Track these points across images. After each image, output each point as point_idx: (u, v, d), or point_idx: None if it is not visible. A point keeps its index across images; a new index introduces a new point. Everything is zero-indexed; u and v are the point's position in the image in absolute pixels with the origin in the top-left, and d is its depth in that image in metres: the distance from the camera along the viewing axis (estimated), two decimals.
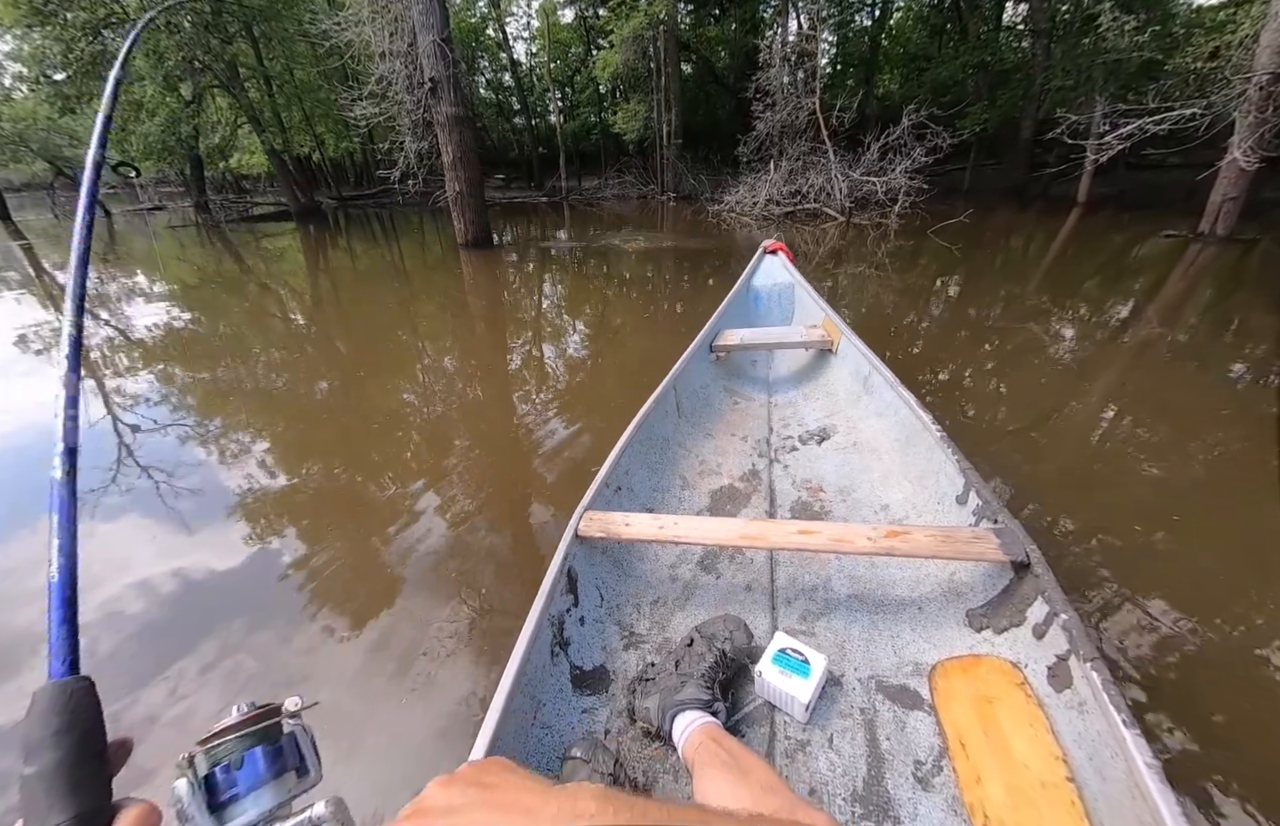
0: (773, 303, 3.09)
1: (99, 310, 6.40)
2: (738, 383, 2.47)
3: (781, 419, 2.20)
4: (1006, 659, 1.05)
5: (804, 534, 1.17)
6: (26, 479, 2.81)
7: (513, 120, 24.57)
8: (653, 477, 1.71)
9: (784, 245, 3.26)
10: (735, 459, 1.92)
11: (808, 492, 1.71)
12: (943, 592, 1.24)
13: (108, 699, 0.33)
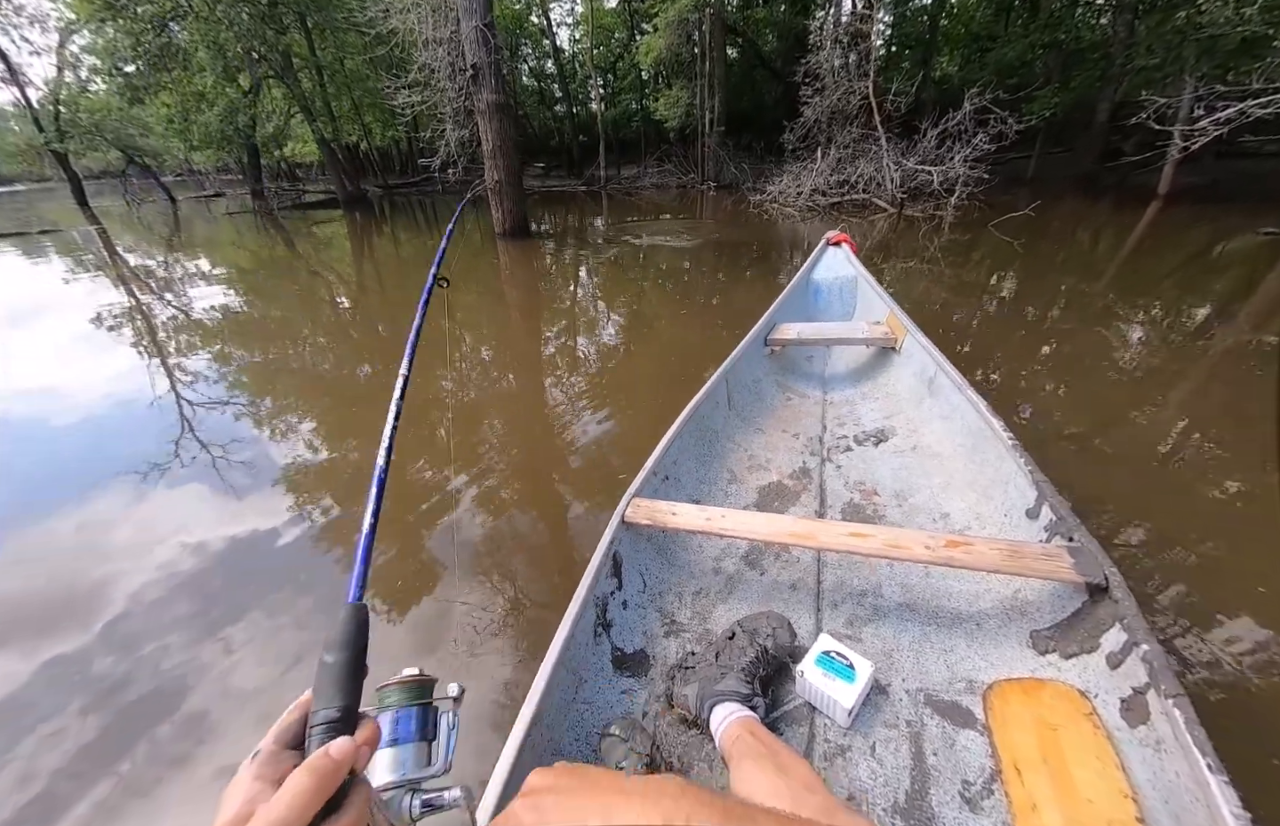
0: (833, 297, 3.02)
1: (165, 292, 6.86)
2: (792, 378, 2.44)
3: (836, 417, 2.16)
4: (1074, 686, 0.99)
5: (856, 537, 1.14)
6: (106, 446, 3.05)
7: (554, 108, 24.83)
8: (701, 469, 1.72)
9: (848, 237, 3.16)
10: (785, 455, 1.90)
11: (861, 495, 1.68)
12: (1004, 610, 1.18)
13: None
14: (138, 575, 2.03)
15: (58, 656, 1.71)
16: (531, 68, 24.20)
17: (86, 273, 8.45)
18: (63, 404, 3.64)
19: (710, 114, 14.00)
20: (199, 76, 13.66)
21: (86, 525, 2.36)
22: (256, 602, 1.88)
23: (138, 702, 1.57)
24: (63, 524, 2.38)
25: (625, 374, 3.76)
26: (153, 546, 2.18)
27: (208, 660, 1.67)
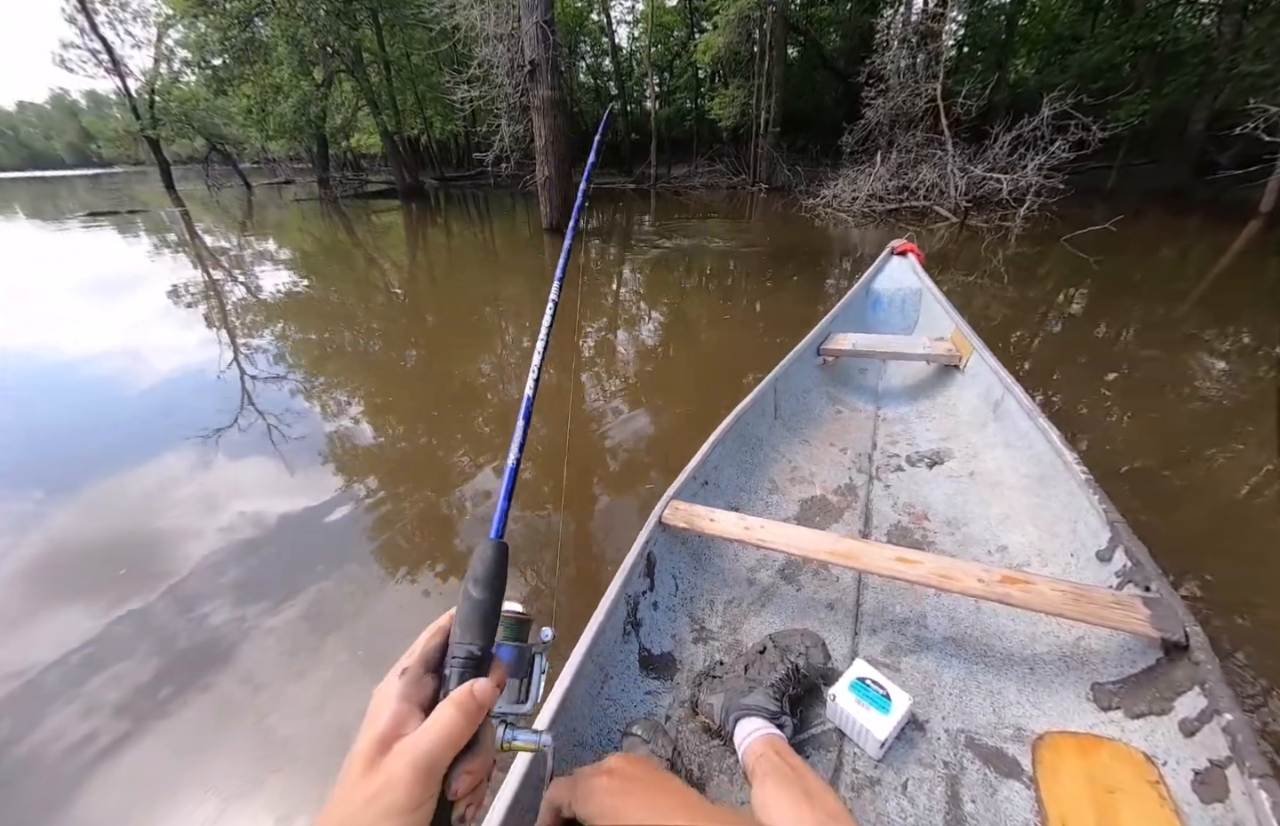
0: (894, 308, 2.92)
1: (236, 271, 7.35)
2: (843, 390, 2.39)
3: (888, 435, 2.09)
4: (1139, 749, 0.90)
5: (903, 562, 1.10)
6: (177, 410, 3.29)
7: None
8: (741, 477, 1.70)
9: (914, 247, 3.04)
10: (831, 470, 1.86)
11: (909, 518, 1.61)
12: (1063, 657, 1.10)
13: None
14: (195, 531, 2.18)
15: (122, 602, 1.86)
16: (589, 65, 24.53)
17: (169, 250, 9.18)
18: (143, 369, 3.96)
19: (766, 114, 13.77)
20: (277, 69, 14.58)
21: (155, 482, 2.54)
22: (298, 565, 1.99)
23: (188, 647, 1.69)
24: (135, 479, 2.58)
25: (663, 374, 3.75)
26: (211, 507, 2.33)
27: (249, 614, 1.78)
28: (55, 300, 6.06)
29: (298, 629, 1.74)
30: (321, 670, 1.60)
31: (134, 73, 19.15)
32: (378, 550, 2.08)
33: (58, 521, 2.30)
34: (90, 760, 1.39)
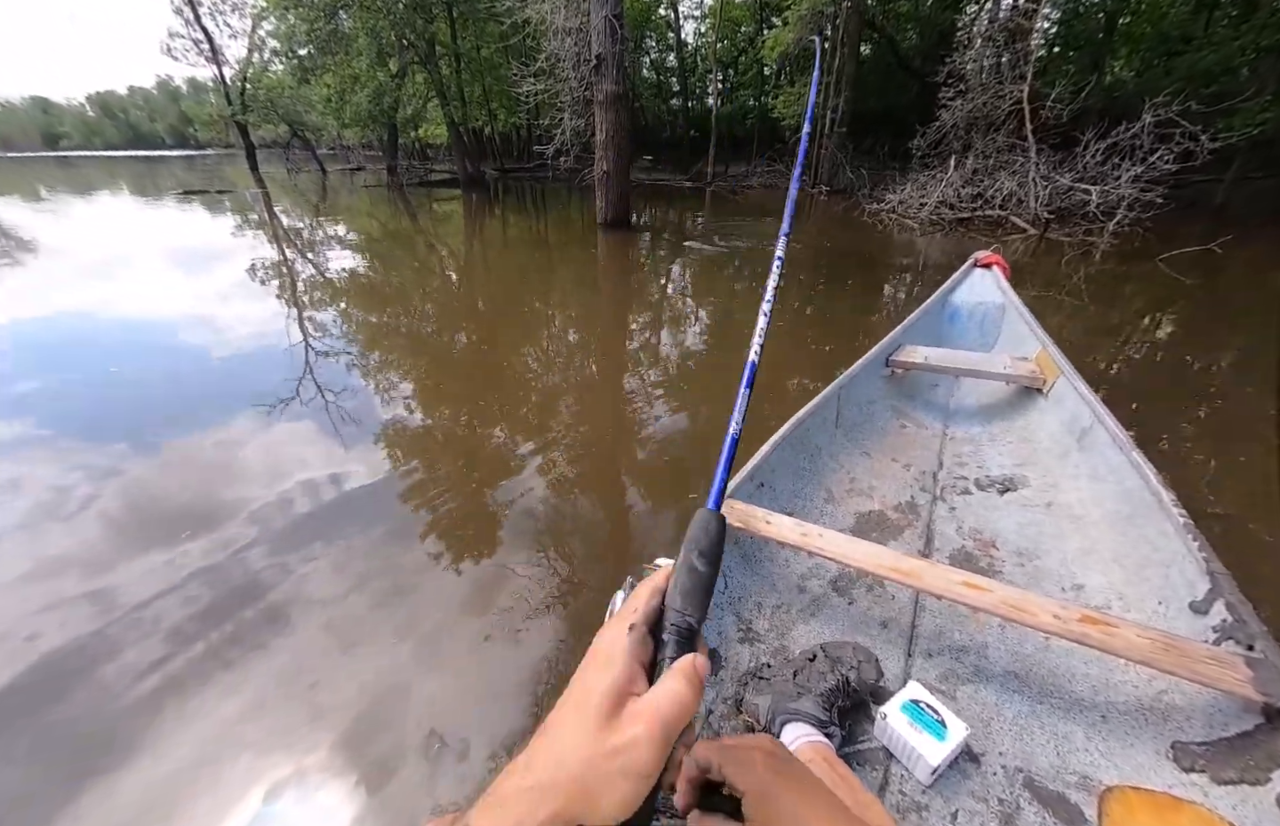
0: (973, 323, 2.81)
1: (307, 251, 7.84)
2: (910, 405, 2.33)
3: (956, 455, 2.04)
4: (1225, 818, 0.82)
5: (969, 587, 1.06)
6: (248, 378, 3.54)
7: (669, 101, 25.07)
8: (797, 483, 1.70)
9: (1000, 259, 2.89)
10: (892, 486, 1.83)
11: (975, 544, 1.57)
12: (1141, 708, 1.04)
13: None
14: (253, 490, 2.34)
15: (187, 549, 2.02)
16: (653, 60, 24.60)
17: (250, 228, 9.93)
18: (223, 337, 4.28)
19: (833, 113, 13.38)
20: (356, 61, 15.44)
21: (223, 442, 2.76)
22: (339, 527, 2.12)
23: (233, 591, 1.83)
24: (207, 437, 2.80)
25: (705, 374, 3.72)
26: (272, 469, 2.50)
27: (293, 568, 1.92)
28: (152, 270, 6.65)
29: (339, 573, 1.88)
30: (357, 602, 1.77)
31: (229, 61, 20.73)
32: (416, 519, 2.18)
33: (141, 471, 2.51)
34: (154, 683, 1.53)
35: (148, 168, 32.87)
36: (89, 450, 2.66)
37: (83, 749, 1.38)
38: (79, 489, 2.35)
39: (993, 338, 2.72)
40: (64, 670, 1.58)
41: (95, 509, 2.24)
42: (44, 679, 1.55)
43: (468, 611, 1.75)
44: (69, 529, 2.13)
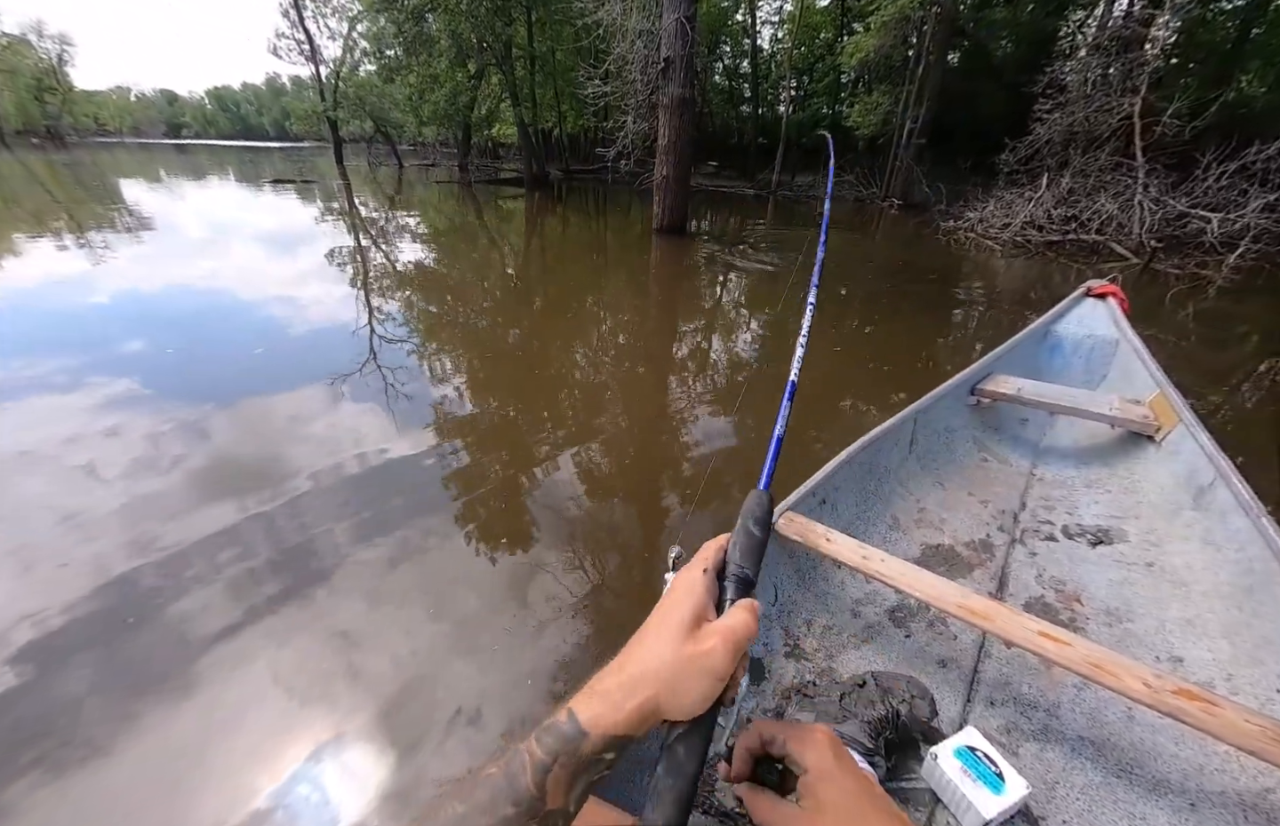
0: (1077, 357, 2.62)
1: (380, 241, 8.34)
2: (994, 438, 2.23)
3: (1043, 497, 1.91)
4: None
5: (1047, 638, 1.00)
6: (318, 355, 3.77)
7: (739, 108, 24.86)
8: (860, 504, 1.67)
9: (1117, 290, 2.65)
10: (965, 521, 1.75)
11: (1056, 596, 1.47)
12: (1241, 802, 0.94)
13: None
14: (315, 457, 2.52)
15: (252, 505, 2.15)
16: (726, 66, 24.50)
17: (331, 217, 10.67)
18: (300, 315, 4.60)
19: (912, 124, 12.79)
20: (437, 61, 16.31)
21: (294, 410, 2.97)
22: (386, 500, 2.24)
23: (288, 548, 1.97)
24: (280, 404, 3.03)
25: (752, 387, 3.62)
26: (331, 439, 2.69)
27: (342, 533, 2.06)
28: (246, 250, 7.28)
29: (383, 542, 2.02)
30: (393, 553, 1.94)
31: (326, 61, 22.48)
32: (456, 502, 2.28)
33: (222, 430, 2.74)
34: (214, 623, 1.66)
35: (251, 157, 36.13)
36: (178, 407, 2.92)
37: (145, 674, 1.51)
38: (167, 441, 2.60)
39: (1099, 375, 2.52)
40: (138, 599, 1.73)
41: (180, 460, 2.45)
42: (119, 604, 1.71)
43: (496, 596, 1.82)
44: (157, 475, 2.34)
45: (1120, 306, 2.58)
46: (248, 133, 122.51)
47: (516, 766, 0.34)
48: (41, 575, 1.81)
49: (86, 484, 2.27)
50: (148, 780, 1.28)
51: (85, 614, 1.67)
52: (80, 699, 1.43)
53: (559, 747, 0.35)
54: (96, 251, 6.46)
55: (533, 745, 0.35)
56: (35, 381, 3.15)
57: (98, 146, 45.70)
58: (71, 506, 2.12)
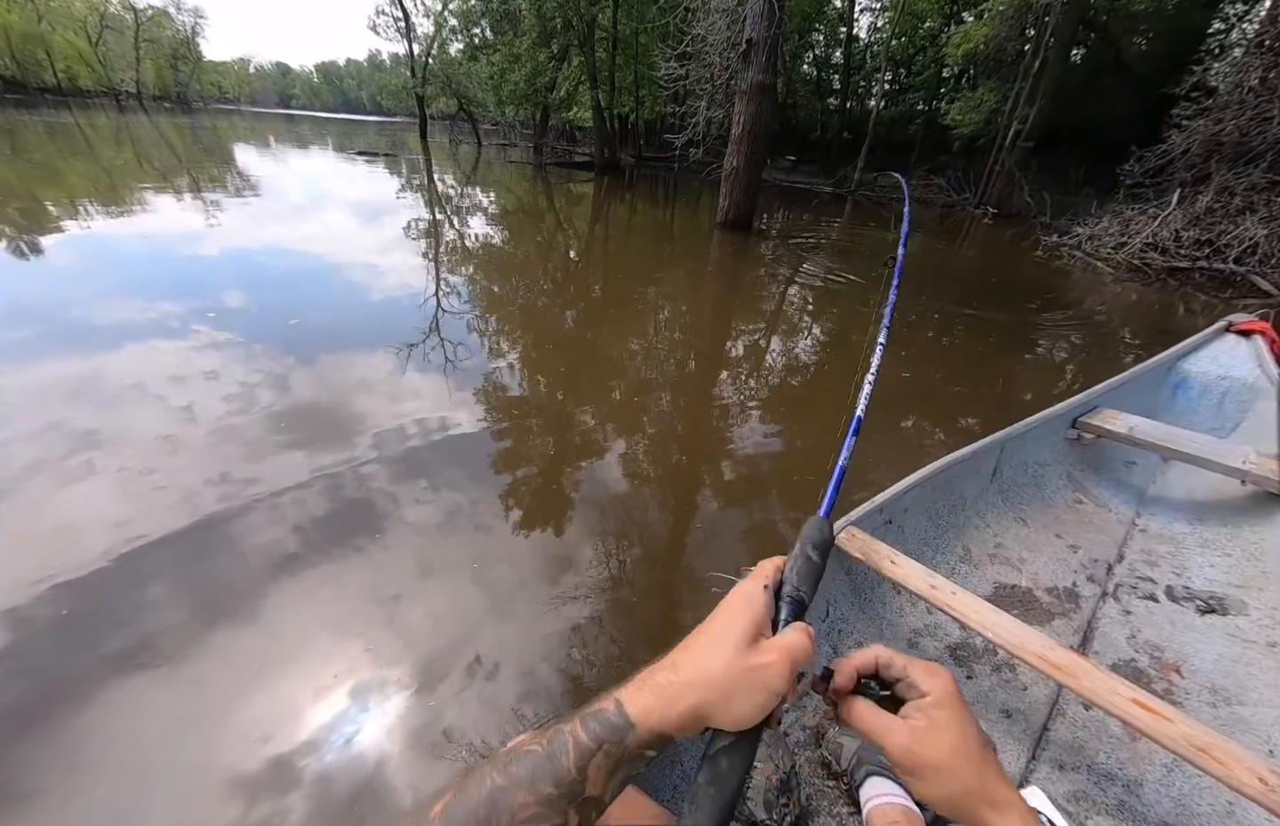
0: (1207, 399, 2.38)
1: (453, 216, 8.68)
2: (1094, 479, 2.07)
3: (1145, 551, 1.77)
4: None
5: (1140, 707, 0.91)
6: (403, 319, 3.99)
7: (826, 100, 23.80)
8: (930, 530, 1.61)
9: (1268, 327, 2.33)
10: (1049, 564, 1.65)
11: (1151, 662, 1.36)
12: None
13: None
14: (378, 417, 2.68)
15: (322, 456, 2.33)
16: (817, 55, 23.49)
17: (410, 190, 11.24)
18: (377, 282, 4.85)
19: (1020, 125, 11.69)
20: (520, 40, 16.66)
21: (365, 371, 3.16)
22: (438, 465, 2.37)
23: (347, 499, 2.12)
24: (354, 365, 3.22)
25: (806, 395, 3.46)
26: (392, 402, 2.84)
27: (396, 491, 2.18)
28: (336, 217, 7.77)
29: (432, 505, 2.15)
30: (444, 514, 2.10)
31: (419, 38, 23.57)
32: (502, 477, 2.37)
33: (301, 382, 2.95)
34: (277, 557, 1.83)
35: (348, 128, 38.65)
36: (267, 357, 3.17)
37: (214, 595, 1.68)
38: (256, 387, 2.83)
39: (1230, 422, 2.26)
40: (218, 525, 1.93)
41: (262, 404, 2.68)
42: (201, 527, 1.91)
43: (533, 574, 1.88)
44: (243, 415, 2.57)
45: (1270, 348, 2.26)
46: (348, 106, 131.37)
47: (559, 747, 0.35)
48: (140, 490, 2.04)
49: (184, 417, 2.53)
50: (210, 676, 1.45)
51: (175, 528, 1.88)
52: (162, 600, 1.63)
53: (605, 736, 0.35)
54: (209, 209, 7.14)
55: (577, 728, 0.36)
56: (151, 323, 3.51)
57: (218, 112, 50.65)
58: (171, 432, 2.39)
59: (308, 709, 1.39)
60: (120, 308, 3.71)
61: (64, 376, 2.78)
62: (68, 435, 2.30)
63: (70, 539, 1.80)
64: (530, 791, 0.33)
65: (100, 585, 1.66)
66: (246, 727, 1.34)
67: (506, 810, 0.32)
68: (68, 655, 1.46)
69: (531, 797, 0.33)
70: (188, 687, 1.42)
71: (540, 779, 0.33)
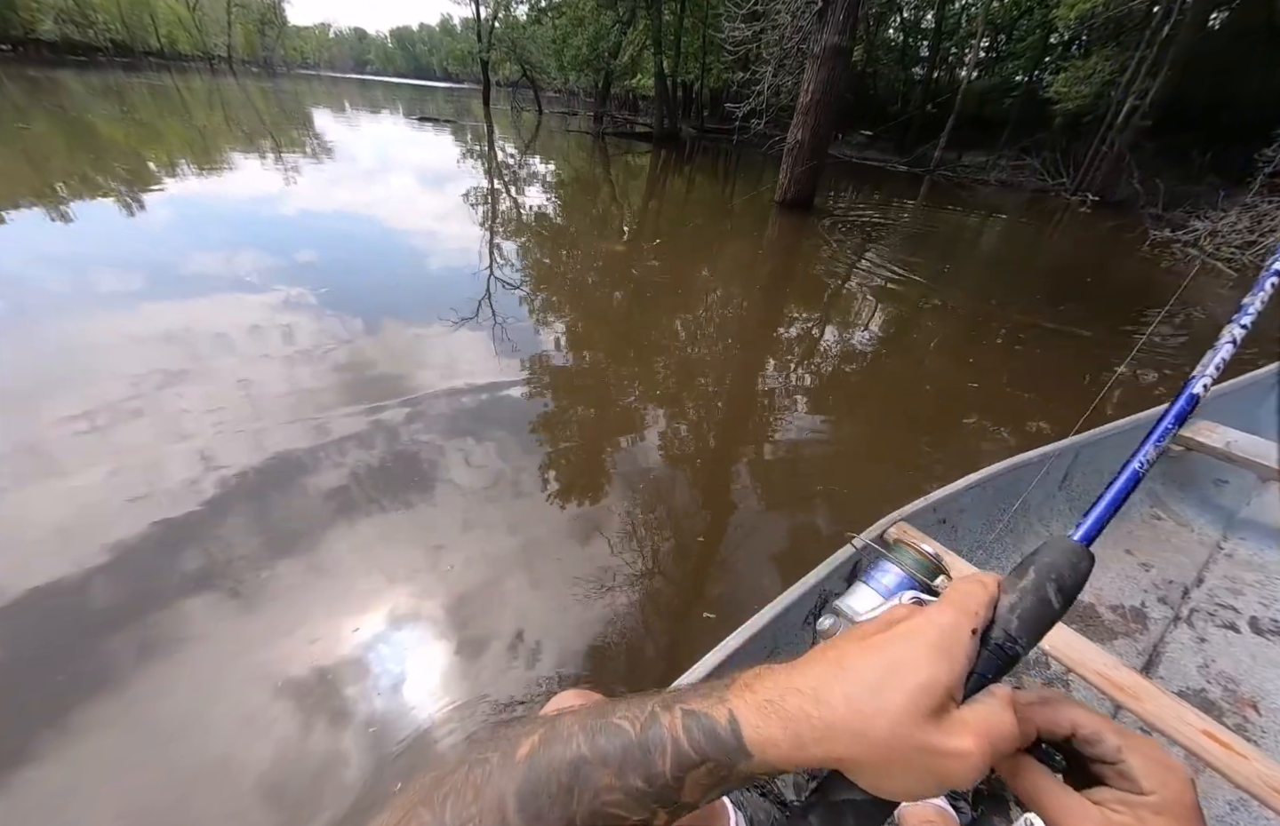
0: None
1: (510, 185, 8.82)
2: (1175, 494, 2.00)
3: (1229, 578, 1.70)
4: None
5: (1213, 740, 0.86)
6: (458, 288, 4.12)
7: (910, 70, 22.20)
8: (986, 531, 1.57)
9: None
10: (1115, 581, 1.61)
11: (1224, 695, 1.31)
12: None
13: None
14: (432, 378, 2.83)
15: (378, 411, 2.53)
16: (905, 19, 21.88)
17: (471, 158, 11.56)
18: (435, 248, 5.07)
19: (1136, 100, 10.45)
20: (583, 3, 16.43)
21: (421, 334, 3.34)
22: (486, 429, 2.51)
23: (399, 453, 2.28)
24: (411, 328, 3.41)
25: (854, 397, 3.27)
26: (446, 365, 2.98)
27: (446, 449, 2.35)
28: (401, 182, 8.12)
29: (478, 466, 2.29)
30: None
31: (487, 2, 23.75)
32: (544, 446, 2.47)
33: (363, 340, 3.17)
34: (335, 501, 2.00)
35: (418, 94, 39.85)
36: (334, 316, 3.41)
37: (282, 530, 1.86)
38: (325, 343, 3.06)
39: None
40: (286, 465, 2.14)
41: (332, 360, 2.92)
42: (271, 466, 2.13)
43: (566, 541, 1.97)
44: (312, 371, 2.79)
45: None
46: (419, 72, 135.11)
47: (654, 741, 0.30)
48: (221, 432, 2.28)
49: (261, 367, 2.77)
50: (272, 598, 1.64)
51: (249, 466, 2.12)
52: (240, 527, 1.86)
53: (711, 754, 0.29)
54: (288, 171, 7.77)
55: (678, 728, 0.30)
56: (233, 278, 3.85)
57: (299, 77, 53.38)
58: (250, 377, 2.65)
59: (353, 628, 1.56)
60: (209, 262, 4.09)
61: (162, 321, 3.12)
62: (163, 373, 2.61)
63: (162, 467, 2.06)
64: (618, 776, 0.29)
65: (187, 505, 1.91)
66: (304, 637, 1.53)
67: (590, 787, 0.29)
68: (155, 565, 1.70)
69: (618, 783, 0.29)
70: (248, 600, 1.61)
71: (630, 769, 0.29)
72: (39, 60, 33.63)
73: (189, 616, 1.56)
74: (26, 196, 5.18)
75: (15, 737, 1.26)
